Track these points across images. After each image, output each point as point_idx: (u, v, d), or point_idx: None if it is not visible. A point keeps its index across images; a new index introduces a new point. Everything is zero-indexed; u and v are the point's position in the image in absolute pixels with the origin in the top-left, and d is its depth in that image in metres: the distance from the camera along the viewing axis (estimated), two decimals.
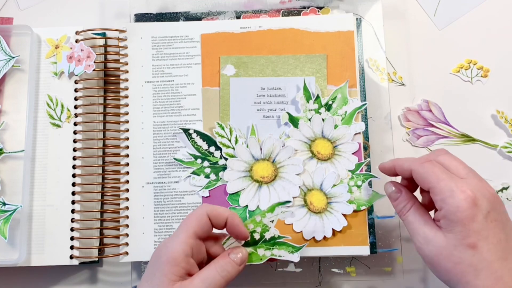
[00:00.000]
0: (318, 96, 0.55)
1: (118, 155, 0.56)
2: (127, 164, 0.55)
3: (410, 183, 0.46)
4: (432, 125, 0.59)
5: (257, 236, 0.46)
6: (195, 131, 0.55)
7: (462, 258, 0.38)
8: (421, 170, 0.41)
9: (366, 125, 0.56)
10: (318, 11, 0.59)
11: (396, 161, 0.45)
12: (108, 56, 0.58)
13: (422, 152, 0.59)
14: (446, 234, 0.39)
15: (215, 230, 0.45)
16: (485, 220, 0.38)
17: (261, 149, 0.54)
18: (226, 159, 0.54)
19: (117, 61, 0.57)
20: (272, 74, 0.56)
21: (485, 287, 0.37)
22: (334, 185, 0.53)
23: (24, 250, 0.53)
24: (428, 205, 0.44)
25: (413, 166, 0.42)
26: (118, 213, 0.55)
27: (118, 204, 0.55)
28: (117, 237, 0.54)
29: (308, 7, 0.60)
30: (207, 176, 0.54)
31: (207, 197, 0.54)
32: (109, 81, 0.59)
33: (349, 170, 0.53)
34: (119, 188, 0.55)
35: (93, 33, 0.59)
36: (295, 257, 0.47)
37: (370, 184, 0.53)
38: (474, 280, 0.38)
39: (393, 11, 0.61)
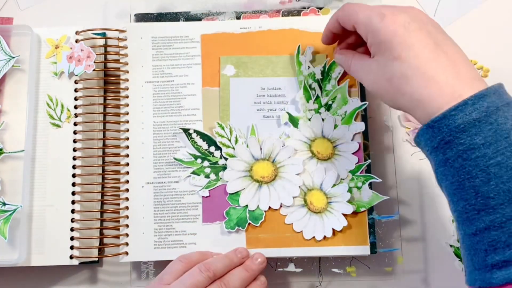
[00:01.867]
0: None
1: (118, 155, 0.56)
2: (127, 164, 0.55)
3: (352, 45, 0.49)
4: None
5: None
6: (195, 131, 0.55)
7: (393, 71, 0.39)
8: (341, 13, 0.45)
9: (366, 125, 0.55)
10: (318, 12, 0.59)
11: (327, 24, 0.49)
12: (108, 56, 0.58)
13: (421, 152, 0.58)
14: (377, 59, 0.41)
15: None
16: (405, 31, 0.39)
17: (261, 149, 0.54)
18: (226, 159, 0.54)
19: (117, 61, 0.57)
20: (272, 74, 0.56)
21: (419, 90, 0.38)
22: (334, 185, 0.53)
23: (24, 250, 0.53)
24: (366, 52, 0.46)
25: (336, 14, 0.46)
26: (118, 213, 0.55)
27: (118, 204, 0.55)
28: (117, 237, 0.54)
29: (308, 8, 0.60)
30: (207, 176, 0.54)
31: (207, 197, 0.54)
32: (109, 81, 0.59)
33: (349, 171, 0.53)
34: (119, 188, 0.55)
35: (93, 33, 0.59)
36: None
37: (370, 185, 0.53)
38: (407, 88, 0.39)
39: None
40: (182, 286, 0.46)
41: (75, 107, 0.56)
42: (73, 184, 0.55)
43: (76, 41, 0.57)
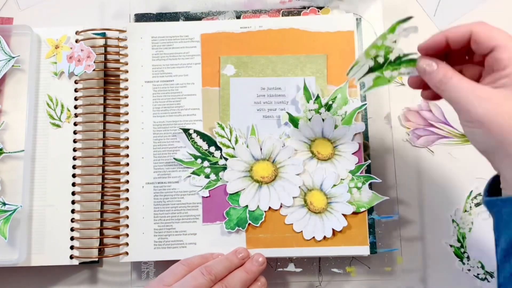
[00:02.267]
0: (318, 96, 0.55)
1: (118, 155, 0.56)
2: (127, 164, 0.55)
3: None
4: (432, 125, 0.59)
5: (381, 60, 0.43)
6: (195, 131, 0.55)
7: None
8: (486, 28, 0.39)
9: (366, 125, 0.56)
10: (318, 11, 0.59)
11: (446, 31, 0.41)
12: (108, 56, 0.58)
13: (422, 152, 0.59)
14: (506, 92, 0.37)
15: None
16: None
17: (261, 149, 0.54)
18: (226, 159, 0.54)
19: (117, 61, 0.57)
20: (272, 74, 0.56)
21: None
22: (334, 185, 0.53)
23: (24, 250, 0.53)
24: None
25: (473, 27, 0.39)
26: (118, 213, 0.55)
27: (118, 204, 0.55)
28: (117, 237, 0.54)
29: (308, 7, 0.60)
30: (207, 176, 0.54)
31: (207, 197, 0.54)
32: (109, 81, 0.59)
33: (349, 172, 0.53)
34: (119, 188, 0.55)
35: (93, 33, 0.59)
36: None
37: (370, 186, 0.53)
38: None
39: (393, 11, 0.61)
40: None
41: (75, 107, 0.56)
42: (73, 184, 0.55)
43: (76, 41, 0.57)
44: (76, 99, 0.57)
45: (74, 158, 0.55)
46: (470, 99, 0.38)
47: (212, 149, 0.55)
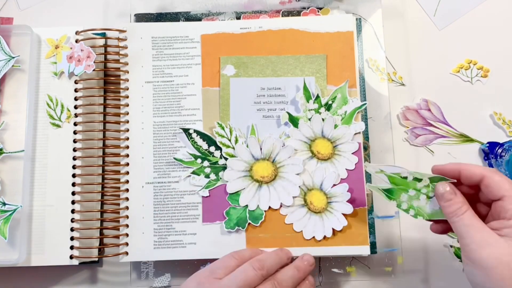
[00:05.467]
0: (318, 96, 0.55)
1: (118, 155, 0.56)
2: (127, 164, 0.55)
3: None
4: (431, 124, 0.59)
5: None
6: (195, 131, 0.55)
7: None
8: (497, 178, 0.41)
9: (366, 125, 0.56)
10: (318, 12, 0.59)
11: (462, 165, 0.44)
12: (108, 56, 0.58)
13: (420, 151, 0.59)
14: (510, 242, 0.39)
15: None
16: None
17: (261, 149, 0.54)
18: (226, 159, 0.54)
19: (117, 61, 0.57)
20: (272, 74, 0.56)
21: None
22: (334, 184, 0.53)
23: (24, 250, 0.53)
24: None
25: (486, 173, 0.42)
26: (118, 213, 0.55)
27: (118, 204, 0.55)
28: (117, 237, 0.54)
29: (308, 8, 0.60)
30: (207, 176, 0.54)
31: (207, 197, 0.54)
32: (109, 81, 0.59)
33: (429, 178, 0.47)
34: (119, 188, 0.55)
35: (93, 33, 0.59)
36: None
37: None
38: None
39: (393, 11, 0.62)
40: (234, 283, 0.45)
41: (75, 107, 0.56)
42: (73, 184, 0.55)
43: (76, 41, 0.57)
44: (76, 99, 0.57)
45: (74, 158, 0.55)
46: (477, 240, 0.39)
47: (212, 149, 0.55)
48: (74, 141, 0.56)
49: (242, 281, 0.45)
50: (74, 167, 0.55)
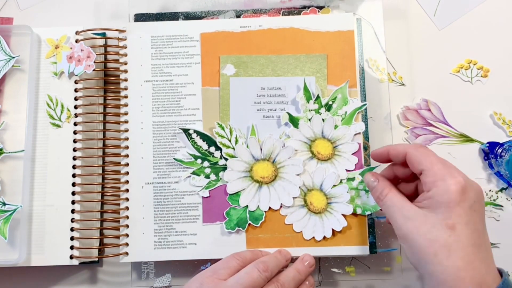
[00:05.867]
0: (318, 96, 0.55)
1: (118, 155, 0.56)
2: (127, 164, 0.55)
3: (393, 173, 0.48)
4: (431, 124, 0.59)
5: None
6: (195, 131, 0.55)
7: (438, 236, 0.39)
8: (416, 153, 0.43)
9: (366, 125, 0.56)
10: (318, 11, 0.59)
11: (389, 146, 0.47)
12: (108, 56, 0.58)
13: None
14: (427, 213, 0.41)
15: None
16: (469, 207, 0.40)
17: (261, 149, 0.54)
18: (226, 159, 0.54)
19: (116, 61, 0.57)
20: (272, 74, 0.56)
21: (454, 268, 0.39)
22: (334, 185, 0.53)
23: (24, 250, 0.53)
24: (406, 194, 0.46)
25: (408, 149, 0.44)
26: (118, 213, 0.55)
27: (118, 204, 0.55)
28: (117, 237, 0.54)
29: (309, 7, 0.60)
30: (207, 176, 0.54)
31: (207, 197, 0.54)
32: (109, 81, 0.59)
33: (359, 174, 0.53)
34: (119, 188, 0.55)
35: (93, 33, 0.58)
36: None
37: None
38: (445, 260, 0.39)
39: (393, 11, 0.61)
40: (239, 284, 0.45)
41: (75, 107, 0.56)
42: (73, 184, 0.55)
43: (76, 41, 0.57)
44: (76, 99, 0.57)
45: (74, 158, 0.55)
46: (398, 217, 0.42)
47: (212, 149, 0.55)
48: (74, 141, 0.56)
49: (247, 282, 0.45)
50: (74, 167, 0.55)
